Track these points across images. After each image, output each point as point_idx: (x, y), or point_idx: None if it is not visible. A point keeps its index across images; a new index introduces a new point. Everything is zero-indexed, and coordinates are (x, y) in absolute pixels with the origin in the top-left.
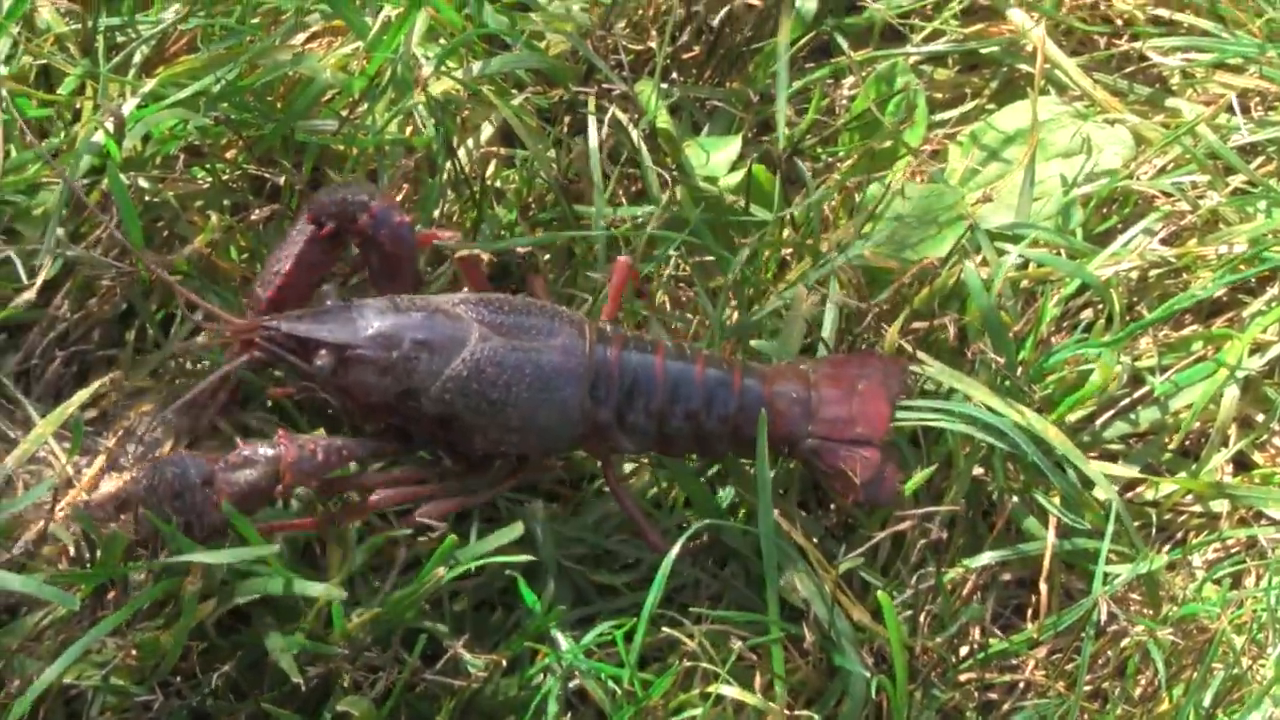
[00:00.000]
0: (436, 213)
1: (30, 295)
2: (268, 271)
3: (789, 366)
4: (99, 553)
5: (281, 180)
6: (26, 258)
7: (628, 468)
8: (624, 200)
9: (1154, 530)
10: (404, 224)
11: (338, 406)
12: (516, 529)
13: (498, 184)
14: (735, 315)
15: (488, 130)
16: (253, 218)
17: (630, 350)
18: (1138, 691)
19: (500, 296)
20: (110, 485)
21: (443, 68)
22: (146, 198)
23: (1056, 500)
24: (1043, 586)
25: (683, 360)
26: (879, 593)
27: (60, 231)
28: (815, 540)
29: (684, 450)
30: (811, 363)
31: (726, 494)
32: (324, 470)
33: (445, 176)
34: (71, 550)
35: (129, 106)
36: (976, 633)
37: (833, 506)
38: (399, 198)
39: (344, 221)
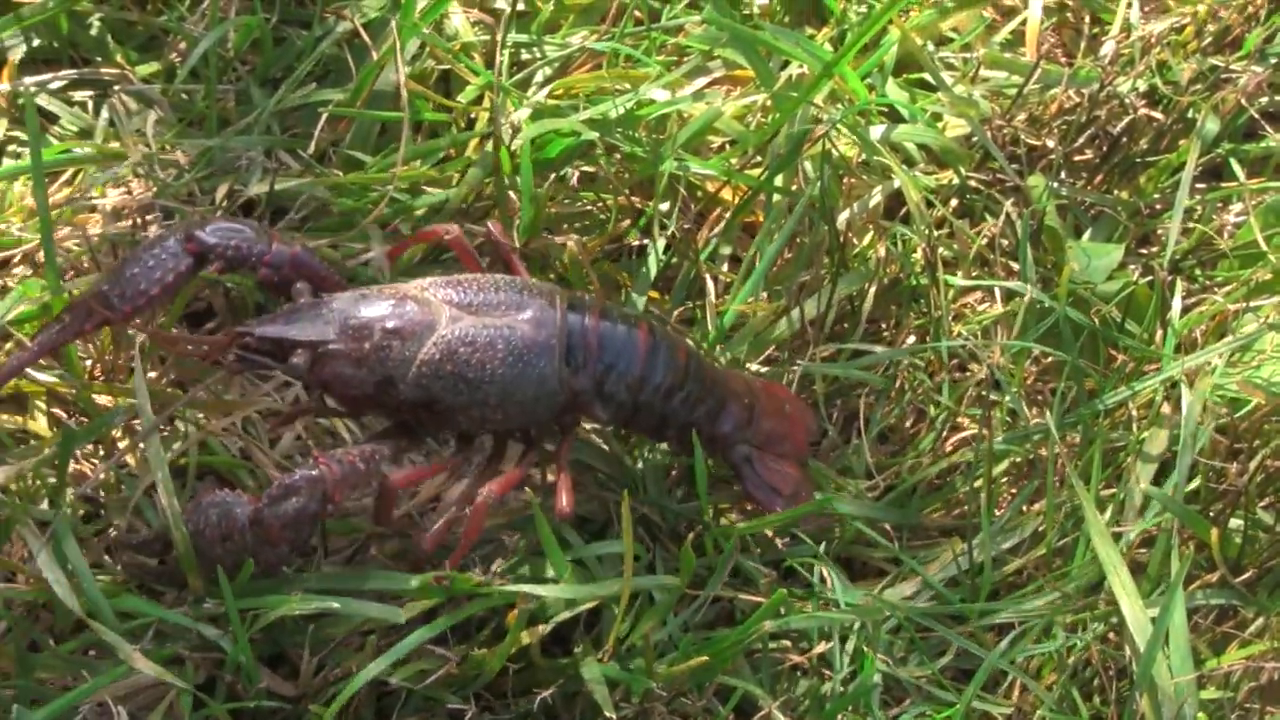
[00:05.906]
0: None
1: None
2: (129, 285)
3: (737, 374)
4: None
5: (667, 219)
6: None
7: None
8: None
9: None
10: (298, 254)
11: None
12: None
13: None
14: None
15: (874, 199)
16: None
17: (614, 321)
18: None
19: (468, 276)
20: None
21: (838, 130)
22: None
23: None
24: None
25: (668, 341)
26: None
27: None
28: None
29: (646, 426)
30: (750, 376)
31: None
32: (369, 478)
33: (820, 239)
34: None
35: (523, 118)
36: None
37: None
38: None
39: (237, 268)
